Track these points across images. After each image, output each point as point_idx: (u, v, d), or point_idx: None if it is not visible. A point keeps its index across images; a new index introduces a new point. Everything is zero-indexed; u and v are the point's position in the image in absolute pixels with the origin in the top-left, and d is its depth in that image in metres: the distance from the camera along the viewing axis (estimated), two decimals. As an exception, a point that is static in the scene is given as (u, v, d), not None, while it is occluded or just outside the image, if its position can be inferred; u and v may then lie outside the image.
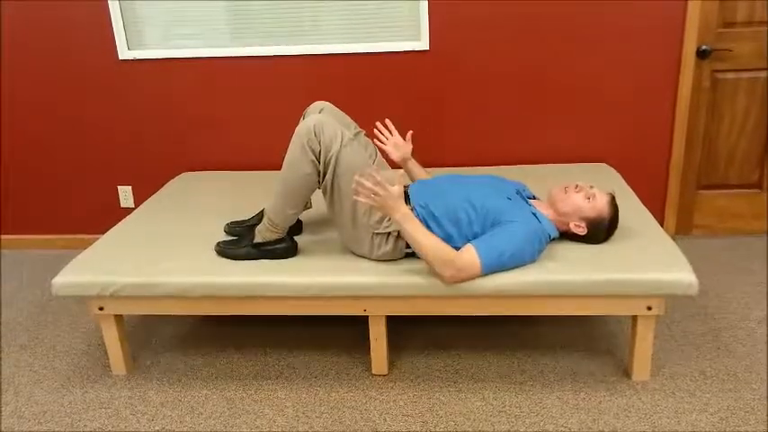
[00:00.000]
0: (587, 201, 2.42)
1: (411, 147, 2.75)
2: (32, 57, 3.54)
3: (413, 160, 2.79)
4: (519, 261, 2.34)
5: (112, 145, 3.71)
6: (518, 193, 2.53)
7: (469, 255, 2.28)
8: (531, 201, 2.55)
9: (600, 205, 2.42)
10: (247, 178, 3.46)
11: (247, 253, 2.54)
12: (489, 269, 2.30)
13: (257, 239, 2.53)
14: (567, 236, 2.50)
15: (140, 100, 3.59)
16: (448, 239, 2.37)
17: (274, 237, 2.52)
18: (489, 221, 2.37)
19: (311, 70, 3.45)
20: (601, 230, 2.46)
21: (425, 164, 3.49)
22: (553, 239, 2.47)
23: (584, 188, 2.45)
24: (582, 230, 2.45)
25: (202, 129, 3.63)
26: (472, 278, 2.31)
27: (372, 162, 2.59)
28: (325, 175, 2.38)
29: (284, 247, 2.54)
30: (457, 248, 2.31)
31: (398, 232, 2.40)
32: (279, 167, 2.48)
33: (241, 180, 3.43)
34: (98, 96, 3.60)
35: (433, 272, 2.33)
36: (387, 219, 2.41)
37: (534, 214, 2.41)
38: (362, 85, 3.45)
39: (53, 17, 3.45)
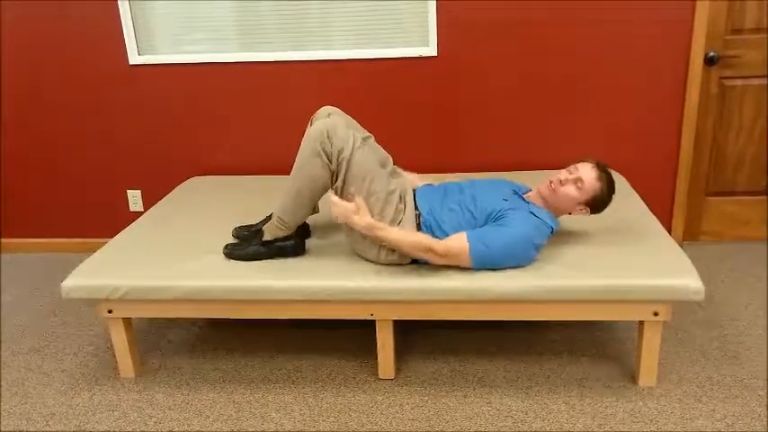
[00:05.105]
0: (578, 189, 2.39)
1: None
2: (43, 61, 3.58)
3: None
4: (511, 260, 2.36)
5: (122, 149, 3.73)
6: (515, 192, 2.53)
7: (458, 240, 2.33)
8: (528, 195, 2.55)
9: (591, 187, 2.38)
10: (256, 183, 3.47)
11: (256, 252, 2.55)
12: (479, 259, 2.32)
13: (266, 237, 2.55)
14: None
15: (150, 105, 3.62)
16: None
17: (283, 234, 2.53)
18: (488, 222, 2.41)
19: (319, 76, 3.46)
20: (601, 202, 2.43)
21: (432, 170, 3.52)
22: (555, 232, 2.48)
23: (569, 178, 2.40)
24: (585, 212, 2.44)
25: (212, 133, 3.65)
26: (461, 264, 2.35)
27: (384, 167, 2.60)
28: (337, 178, 2.40)
29: (293, 245, 2.55)
30: None
31: None
32: (287, 172, 2.50)
33: (249, 184, 3.45)
34: (108, 101, 3.63)
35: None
36: (396, 223, 2.44)
37: (533, 212, 2.41)
38: (370, 90, 3.47)
39: (64, 22, 3.48)
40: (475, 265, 2.35)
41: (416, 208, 2.50)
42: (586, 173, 2.39)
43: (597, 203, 2.43)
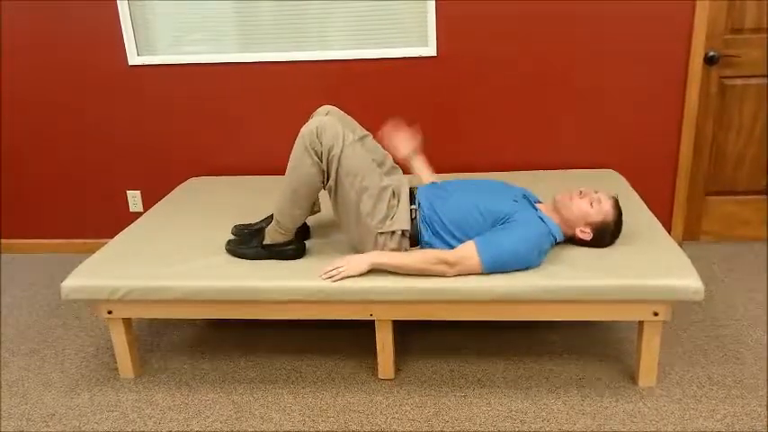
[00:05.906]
0: (592, 206, 2.44)
1: (418, 140, 2.80)
2: (43, 62, 3.58)
3: (419, 158, 2.84)
4: (520, 262, 2.35)
5: (121, 150, 3.73)
6: (524, 197, 2.55)
7: (467, 248, 2.34)
8: (537, 205, 2.57)
9: (604, 210, 2.44)
10: (255, 183, 3.48)
11: (257, 253, 2.56)
12: (489, 263, 2.33)
13: (266, 241, 2.56)
14: (572, 241, 2.52)
15: (149, 105, 3.62)
16: (455, 244, 2.40)
17: (282, 239, 2.54)
18: (496, 225, 2.40)
19: (319, 76, 3.46)
20: (606, 234, 2.47)
21: (432, 170, 3.52)
22: (558, 243, 2.49)
23: (589, 193, 2.47)
24: (587, 236, 2.46)
25: (211, 134, 3.65)
26: (472, 271, 2.35)
27: (381, 165, 2.60)
28: (329, 177, 2.40)
29: (293, 249, 2.56)
30: None
31: (402, 231, 2.44)
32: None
33: (249, 185, 3.45)
34: (108, 101, 3.63)
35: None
36: (390, 218, 2.45)
37: (541, 218, 2.42)
38: (370, 90, 3.47)
39: (64, 23, 3.48)
40: (485, 271, 2.35)
41: (415, 203, 2.51)
42: (605, 198, 2.47)
43: (602, 230, 2.46)
